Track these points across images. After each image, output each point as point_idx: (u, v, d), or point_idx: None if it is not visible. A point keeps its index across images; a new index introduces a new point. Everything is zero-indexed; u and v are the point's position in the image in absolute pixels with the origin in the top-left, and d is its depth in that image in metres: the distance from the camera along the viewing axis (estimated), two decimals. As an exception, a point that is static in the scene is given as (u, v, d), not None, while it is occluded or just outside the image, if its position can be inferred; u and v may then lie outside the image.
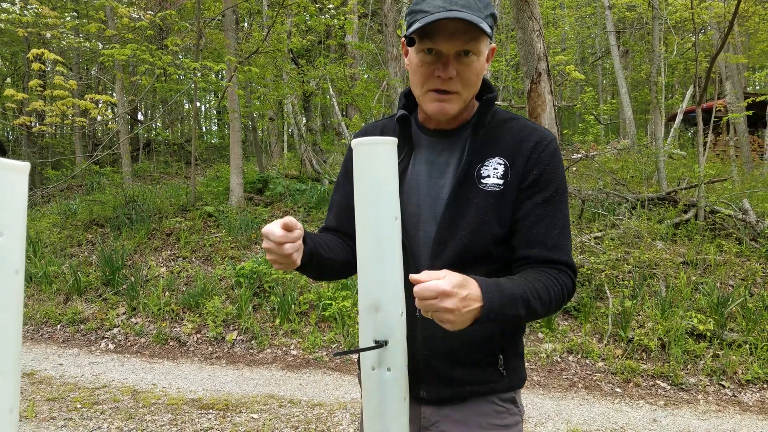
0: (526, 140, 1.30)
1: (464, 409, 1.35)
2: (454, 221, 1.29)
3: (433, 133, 1.38)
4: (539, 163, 1.29)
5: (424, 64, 1.24)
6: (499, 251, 1.32)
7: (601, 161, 11.18)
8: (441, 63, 1.22)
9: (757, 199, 8.27)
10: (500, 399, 1.37)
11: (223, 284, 6.39)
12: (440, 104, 1.27)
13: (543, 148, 1.30)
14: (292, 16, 9.99)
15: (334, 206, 1.53)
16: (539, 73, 8.17)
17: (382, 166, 1.10)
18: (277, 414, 4.07)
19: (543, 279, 1.23)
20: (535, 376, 4.78)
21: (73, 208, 9.20)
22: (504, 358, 1.36)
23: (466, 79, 1.25)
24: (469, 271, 1.18)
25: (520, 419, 1.41)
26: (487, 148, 1.31)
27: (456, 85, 1.24)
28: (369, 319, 1.11)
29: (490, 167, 1.29)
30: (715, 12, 10.33)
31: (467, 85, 1.26)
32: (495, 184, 1.28)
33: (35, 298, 6.63)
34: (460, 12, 1.16)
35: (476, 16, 1.18)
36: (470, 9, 1.18)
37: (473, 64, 1.24)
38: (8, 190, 0.74)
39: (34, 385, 4.63)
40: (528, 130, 1.33)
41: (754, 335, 4.93)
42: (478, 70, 1.26)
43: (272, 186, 9.29)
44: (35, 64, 7.00)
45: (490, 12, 1.23)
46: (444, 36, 1.19)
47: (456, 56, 1.22)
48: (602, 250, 6.22)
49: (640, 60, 19.66)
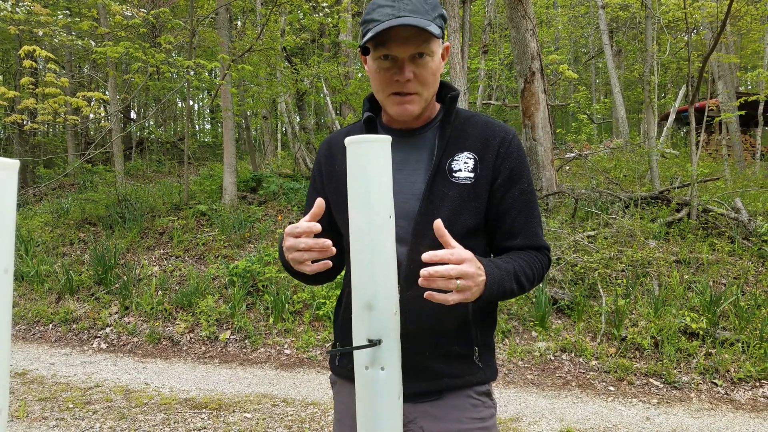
0: (492, 136, 1.38)
1: (441, 405, 1.38)
2: (430, 215, 1.33)
3: (399, 132, 1.42)
4: (509, 158, 1.37)
5: (381, 69, 1.30)
6: (474, 243, 1.36)
7: (594, 160, 11.22)
8: (397, 67, 1.28)
9: (749, 197, 8.32)
10: (476, 392, 1.42)
11: (216, 283, 6.37)
12: (402, 106, 1.33)
13: (509, 143, 1.38)
14: (286, 15, 9.97)
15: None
16: (533, 72, 8.18)
17: (376, 165, 1.09)
18: (270, 413, 4.06)
19: (525, 258, 1.35)
20: (529, 375, 4.79)
21: (65, 206, 9.14)
22: (479, 351, 1.42)
23: (423, 79, 1.30)
24: None
25: (494, 411, 1.47)
26: (456, 144, 1.38)
27: (415, 86, 1.30)
28: (362, 317, 1.11)
29: (461, 161, 1.36)
30: (708, 12, 10.38)
31: (425, 85, 1.32)
32: (467, 177, 1.35)
33: (27, 297, 6.59)
34: (408, 17, 1.22)
35: (424, 19, 1.24)
36: (418, 13, 1.24)
37: (428, 64, 1.29)
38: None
39: (25, 384, 4.60)
40: (492, 126, 1.41)
41: (746, 333, 4.96)
42: (434, 70, 1.32)
43: (266, 185, 9.27)
44: (27, 61, 6.95)
45: (438, 13, 1.30)
46: (397, 42, 1.25)
47: (410, 59, 1.28)
48: (595, 249, 6.23)
49: (633, 59, 19.73)
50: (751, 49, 16.84)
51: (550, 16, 18.95)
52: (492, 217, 1.38)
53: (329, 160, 1.49)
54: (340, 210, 1.44)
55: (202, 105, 26.53)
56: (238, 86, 10.23)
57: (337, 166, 1.46)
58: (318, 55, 11.09)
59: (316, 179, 1.53)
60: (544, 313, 5.37)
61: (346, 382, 1.51)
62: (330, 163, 1.49)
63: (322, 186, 1.51)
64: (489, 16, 15.64)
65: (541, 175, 7.97)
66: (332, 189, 1.47)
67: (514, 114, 15.53)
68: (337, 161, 1.47)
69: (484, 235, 1.42)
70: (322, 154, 1.53)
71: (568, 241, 6.41)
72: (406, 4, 1.24)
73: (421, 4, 1.26)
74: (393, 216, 1.12)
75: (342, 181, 1.41)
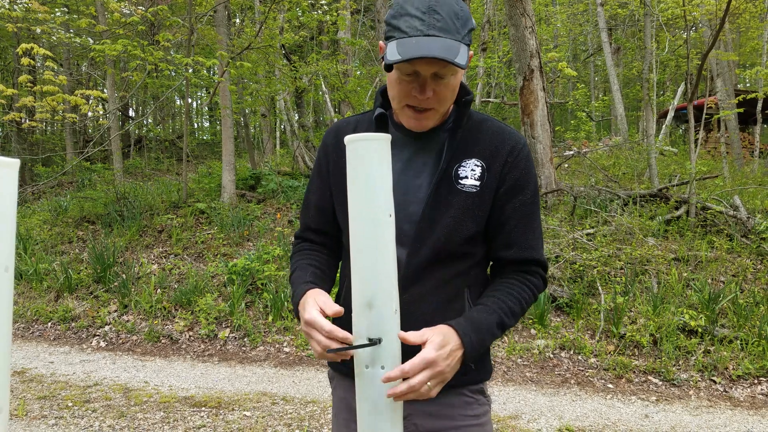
0: (502, 144, 1.36)
1: (435, 402, 1.38)
2: (432, 220, 1.32)
3: (409, 133, 1.39)
4: (516, 168, 1.35)
5: (402, 81, 1.25)
6: (474, 249, 1.38)
7: (593, 158, 11.22)
8: (418, 83, 1.24)
9: (747, 195, 8.33)
10: (469, 390, 1.43)
11: (215, 281, 6.37)
12: (417, 122, 1.31)
13: (518, 152, 1.36)
14: (285, 12, 9.95)
15: (312, 207, 1.54)
16: (532, 70, 8.18)
17: (376, 163, 1.09)
18: (270, 411, 4.06)
19: (515, 291, 1.33)
20: (528, 373, 4.79)
21: (63, 204, 9.12)
22: None
23: (442, 97, 1.27)
24: (445, 267, 1.33)
25: (488, 408, 1.47)
26: (465, 150, 1.35)
27: (432, 103, 1.27)
28: (363, 316, 1.11)
29: (468, 168, 1.34)
30: (707, 9, 10.37)
31: (443, 102, 1.28)
32: (472, 185, 1.33)
33: (26, 295, 6.58)
34: (437, 38, 1.17)
35: (454, 40, 1.18)
36: (448, 33, 1.19)
37: (450, 83, 1.25)
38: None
39: (24, 383, 4.60)
40: (503, 134, 1.38)
41: (744, 331, 4.97)
42: (454, 86, 1.28)
43: (264, 182, 9.27)
44: (24, 59, 6.94)
45: (468, 29, 1.24)
46: (421, 61, 1.19)
47: (433, 77, 1.23)
48: (594, 247, 6.24)
49: (632, 57, 19.74)
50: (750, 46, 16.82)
51: (549, 13, 18.93)
52: (492, 225, 1.37)
53: (336, 148, 1.44)
54: (340, 202, 1.42)
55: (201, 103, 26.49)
56: (237, 84, 10.22)
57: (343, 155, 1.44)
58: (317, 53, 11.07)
59: (322, 166, 1.49)
60: (543, 310, 5.38)
61: (342, 378, 1.52)
62: (337, 151, 1.43)
63: (327, 173, 1.47)
64: (488, 14, 15.64)
65: (540, 173, 7.98)
66: (337, 180, 1.44)
67: (513, 112, 15.52)
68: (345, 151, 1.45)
69: (483, 242, 1.41)
70: (330, 141, 1.48)
71: (566, 238, 6.42)
72: (437, 20, 1.19)
73: (452, 19, 1.20)
74: (393, 214, 1.12)
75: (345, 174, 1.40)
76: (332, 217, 1.49)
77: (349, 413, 1.47)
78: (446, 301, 1.37)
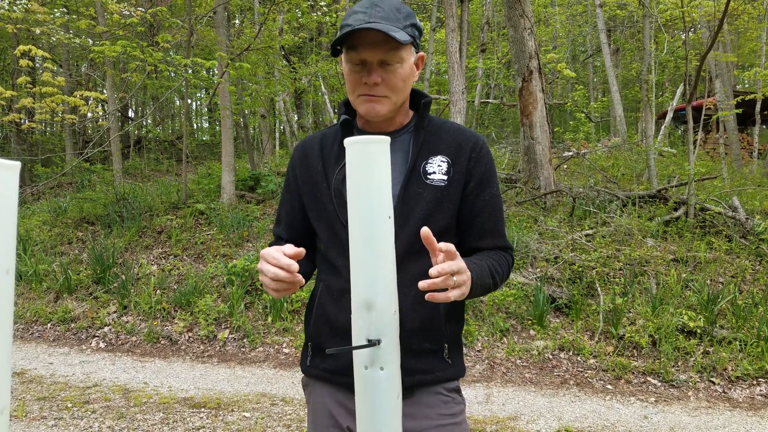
0: (464, 141, 1.46)
1: (412, 402, 1.42)
2: (404, 215, 1.40)
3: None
4: (480, 162, 1.46)
5: (352, 72, 1.37)
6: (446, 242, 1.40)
7: (591, 159, 11.23)
8: (366, 71, 1.35)
9: (746, 196, 8.33)
10: (445, 389, 1.47)
11: (214, 282, 6.37)
12: (370, 104, 1.39)
13: (480, 149, 1.47)
14: (284, 13, 9.96)
15: (283, 220, 1.62)
16: (530, 71, 8.19)
17: (375, 165, 1.09)
18: (269, 412, 4.07)
19: (494, 257, 1.44)
20: (527, 373, 4.80)
21: (63, 205, 9.12)
22: (449, 347, 1.48)
23: (392, 84, 1.37)
24: (418, 261, 1.38)
25: (464, 407, 1.52)
26: (430, 148, 1.45)
27: (383, 90, 1.37)
28: (362, 317, 1.11)
29: (435, 164, 1.43)
30: (705, 10, 10.38)
31: (394, 90, 1.38)
32: (441, 180, 1.42)
33: (25, 296, 6.58)
34: (378, 23, 1.29)
35: (393, 26, 1.30)
36: (389, 21, 1.31)
37: (397, 70, 1.35)
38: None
39: (24, 384, 4.60)
40: (464, 133, 1.49)
41: (743, 332, 4.97)
42: (404, 76, 1.38)
43: (264, 183, 9.27)
44: (23, 60, 6.94)
45: (410, 23, 1.36)
46: (366, 46, 1.32)
47: (380, 64, 1.34)
48: (593, 248, 6.25)
49: (631, 58, 19.74)
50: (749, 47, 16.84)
51: (548, 14, 18.96)
52: (463, 218, 1.46)
53: (303, 163, 1.54)
54: (314, 209, 1.50)
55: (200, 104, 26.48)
56: (236, 85, 10.22)
57: (312, 168, 1.52)
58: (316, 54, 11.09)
59: (290, 182, 1.58)
60: (542, 311, 5.38)
61: (318, 383, 1.54)
62: (304, 165, 1.53)
63: (296, 188, 1.56)
64: (487, 15, 15.65)
65: (539, 174, 7.98)
66: (307, 190, 1.52)
67: (511, 113, 15.54)
68: (312, 163, 1.52)
69: (455, 235, 1.48)
70: (297, 157, 1.57)
71: (566, 239, 6.43)
72: (378, 11, 1.31)
73: (393, 12, 1.33)
74: (392, 216, 1.13)
75: (316, 182, 1.48)
76: (302, 230, 1.57)
77: (329, 418, 1.49)
78: (421, 294, 1.38)
